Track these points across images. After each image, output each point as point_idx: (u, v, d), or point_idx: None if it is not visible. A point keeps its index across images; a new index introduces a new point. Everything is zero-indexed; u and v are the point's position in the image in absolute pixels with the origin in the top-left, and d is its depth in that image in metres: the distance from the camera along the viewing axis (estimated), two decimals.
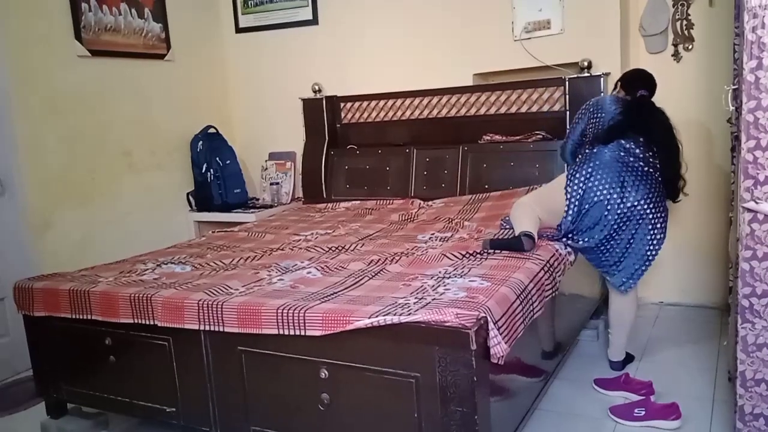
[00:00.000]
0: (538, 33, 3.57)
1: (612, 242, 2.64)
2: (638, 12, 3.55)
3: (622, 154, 2.63)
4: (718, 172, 3.46)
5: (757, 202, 1.91)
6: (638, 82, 2.82)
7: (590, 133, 2.75)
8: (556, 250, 2.55)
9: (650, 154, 2.66)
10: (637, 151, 2.64)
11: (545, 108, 3.57)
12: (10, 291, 2.55)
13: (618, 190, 2.57)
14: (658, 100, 3.58)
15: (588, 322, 3.24)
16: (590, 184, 2.61)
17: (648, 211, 2.59)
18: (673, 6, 3.48)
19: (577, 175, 2.65)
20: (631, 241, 2.63)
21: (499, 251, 2.47)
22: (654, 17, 3.51)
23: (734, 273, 2.21)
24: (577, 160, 2.76)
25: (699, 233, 3.62)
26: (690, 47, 3.49)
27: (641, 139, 2.66)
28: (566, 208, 2.64)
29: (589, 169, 2.63)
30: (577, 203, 2.62)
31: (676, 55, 3.53)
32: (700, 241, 3.62)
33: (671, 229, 3.65)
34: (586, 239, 2.64)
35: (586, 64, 3.35)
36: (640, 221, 2.60)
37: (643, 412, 2.44)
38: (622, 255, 2.65)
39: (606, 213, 2.58)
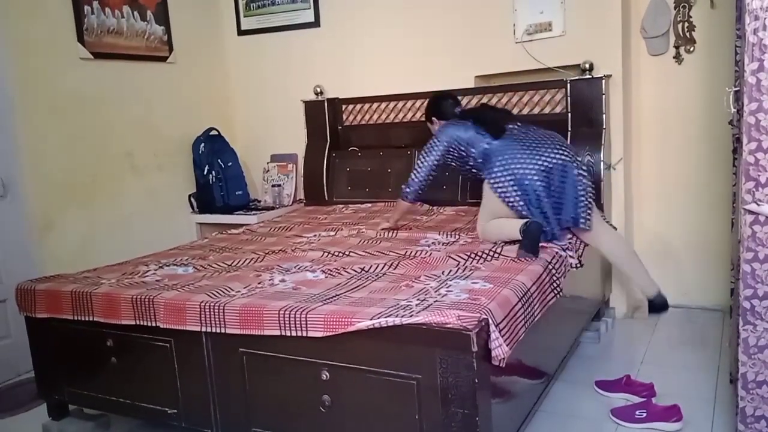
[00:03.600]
0: (540, 35, 3.57)
1: (564, 197, 2.70)
2: (639, 14, 3.55)
3: (515, 132, 2.81)
4: (719, 174, 3.46)
5: (758, 204, 1.91)
6: (449, 104, 3.10)
7: (459, 160, 2.88)
8: (556, 253, 2.55)
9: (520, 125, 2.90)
10: (518, 126, 2.88)
11: (546, 110, 3.57)
12: (12, 292, 2.55)
13: (534, 155, 2.69)
14: (661, 101, 3.62)
15: (589, 324, 3.23)
16: (514, 168, 2.68)
17: (568, 159, 2.72)
18: (675, 8, 3.48)
19: (496, 170, 2.71)
20: (577, 186, 2.71)
21: (532, 252, 2.46)
22: (655, 19, 3.51)
23: (735, 275, 2.21)
24: (477, 169, 2.84)
25: (700, 235, 3.62)
26: (691, 49, 3.50)
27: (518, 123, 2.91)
28: (512, 199, 2.67)
29: (501, 161, 2.71)
30: (516, 187, 2.66)
31: (678, 57, 3.53)
32: (701, 242, 3.62)
33: (673, 231, 3.68)
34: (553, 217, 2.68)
35: (587, 66, 3.36)
36: (567, 170, 2.70)
37: (645, 414, 2.43)
38: (576, 200, 2.71)
39: (538, 182, 2.66)
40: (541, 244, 2.51)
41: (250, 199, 4.37)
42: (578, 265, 2.65)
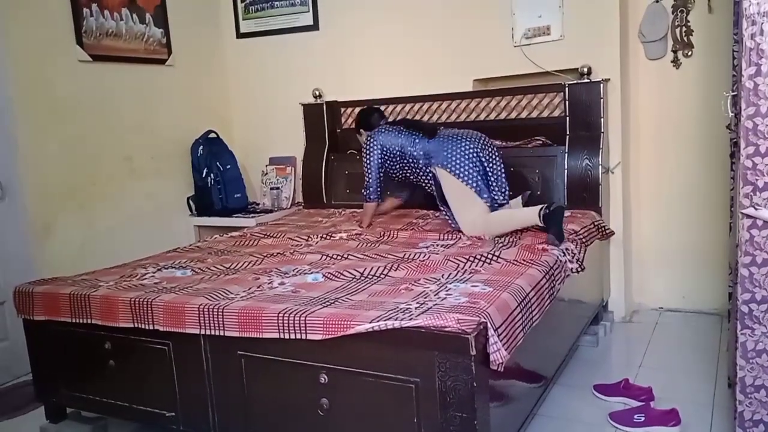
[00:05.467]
0: (538, 39, 3.58)
1: (497, 179, 3.09)
2: (638, 18, 3.56)
3: (445, 132, 3.18)
4: (717, 178, 3.47)
5: (756, 208, 1.91)
6: (376, 117, 3.46)
7: (392, 160, 3.21)
8: (558, 258, 2.55)
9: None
10: (442, 128, 3.27)
11: (545, 114, 3.58)
12: (10, 295, 2.56)
13: (470, 142, 3.06)
14: (659, 105, 3.63)
15: (588, 327, 3.23)
16: (462, 150, 3.02)
17: (493, 149, 3.15)
18: (673, 12, 3.49)
19: (447, 155, 3.03)
20: (503, 171, 3.13)
21: (559, 238, 2.69)
22: (653, 24, 3.52)
23: (733, 279, 2.21)
24: (424, 166, 3.13)
25: (698, 239, 3.62)
26: (689, 53, 3.51)
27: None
28: (468, 174, 2.98)
29: (447, 148, 3.05)
30: (468, 163, 3.00)
31: (676, 62, 3.54)
32: (699, 246, 3.62)
33: (671, 234, 3.68)
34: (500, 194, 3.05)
35: (585, 70, 3.36)
36: (495, 158, 3.11)
37: (643, 418, 2.43)
38: (504, 183, 3.12)
39: (481, 162, 3.02)
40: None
41: (249, 201, 4.36)
42: (579, 270, 2.66)
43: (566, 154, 3.41)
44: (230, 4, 4.45)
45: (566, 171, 3.40)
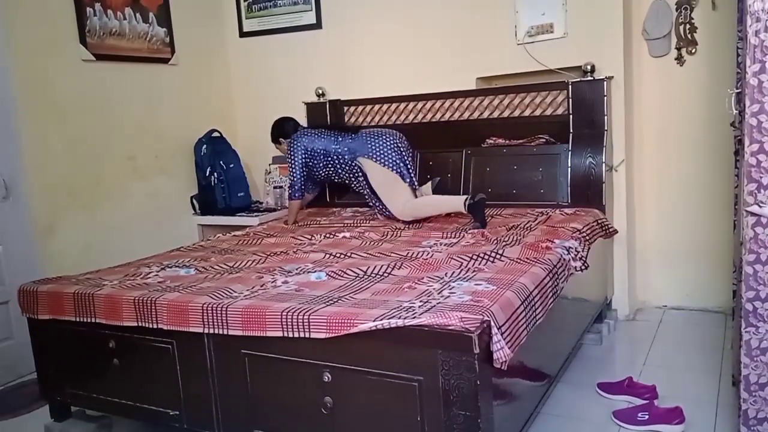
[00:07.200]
0: (541, 37, 3.58)
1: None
2: (641, 16, 3.55)
3: (364, 131, 3.52)
4: (721, 176, 3.46)
5: (760, 206, 1.91)
6: (291, 125, 3.76)
7: (314, 159, 3.53)
8: (561, 257, 2.55)
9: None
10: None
11: (548, 111, 3.58)
12: (14, 294, 2.56)
13: (389, 138, 3.42)
14: (663, 103, 3.62)
15: (591, 325, 3.23)
16: (386, 144, 3.38)
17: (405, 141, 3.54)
18: (677, 10, 3.48)
19: (375, 149, 3.37)
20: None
21: (482, 224, 3.05)
22: (657, 21, 3.51)
23: (738, 277, 2.21)
24: (347, 161, 3.48)
25: (703, 237, 3.62)
26: (693, 51, 3.50)
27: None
28: (396, 165, 3.35)
29: (373, 144, 3.39)
30: (394, 155, 3.37)
31: (680, 59, 3.53)
32: (703, 244, 3.62)
33: (675, 232, 3.68)
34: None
35: (589, 67, 3.36)
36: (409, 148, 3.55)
37: (647, 417, 2.43)
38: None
39: (401, 151, 3.41)
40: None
41: (252, 200, 4.37)
42: (582, 268, 2.65)
43: (569, 152, 3.40)
44: (233, 3, 4.45)
45: (569, 169, 3.40)
